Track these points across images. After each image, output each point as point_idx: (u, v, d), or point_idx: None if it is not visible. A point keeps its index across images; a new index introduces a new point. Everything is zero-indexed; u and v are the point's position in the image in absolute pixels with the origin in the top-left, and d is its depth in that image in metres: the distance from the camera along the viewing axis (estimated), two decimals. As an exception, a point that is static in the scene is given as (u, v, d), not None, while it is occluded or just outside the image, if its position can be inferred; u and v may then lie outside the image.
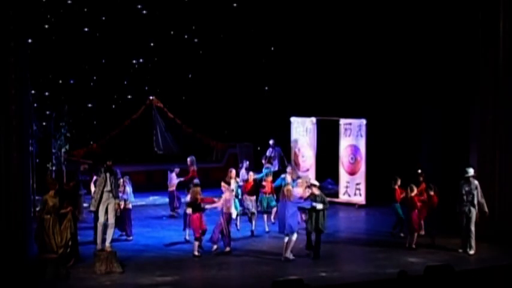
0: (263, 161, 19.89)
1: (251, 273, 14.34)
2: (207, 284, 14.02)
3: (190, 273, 14.57)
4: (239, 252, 15.80)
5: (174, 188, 19.60)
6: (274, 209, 17.53)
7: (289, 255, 15.13)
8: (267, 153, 21.34)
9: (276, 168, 20.86)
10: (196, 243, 15.49)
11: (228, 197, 15.87)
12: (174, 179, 19.56)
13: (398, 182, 17.02)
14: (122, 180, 16.67)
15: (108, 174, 14.80)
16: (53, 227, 14.27)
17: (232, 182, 17.07)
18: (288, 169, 18.49)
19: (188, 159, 19.88)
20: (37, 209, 15.63)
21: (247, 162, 19.83)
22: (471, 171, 15.66)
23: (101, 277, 13.93)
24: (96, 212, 15.02)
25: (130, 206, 17.10)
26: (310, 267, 14.74)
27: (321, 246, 15.45)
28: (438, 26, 18.75)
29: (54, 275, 13.71)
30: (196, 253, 15.42)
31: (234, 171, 17.44)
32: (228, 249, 15.65)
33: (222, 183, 16.38)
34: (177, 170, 19.70)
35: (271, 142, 21.64)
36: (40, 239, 14.32)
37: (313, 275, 13.86)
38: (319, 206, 15.19)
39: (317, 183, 15.91)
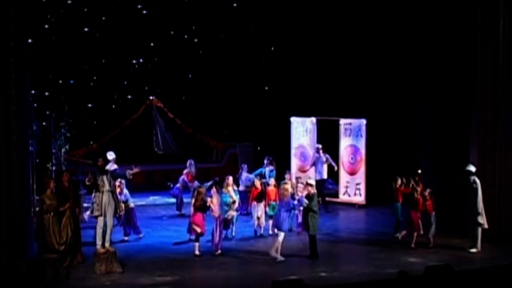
0: (265, 161, 19.75)
1: (251, 273, 14.34)
2: (207, 284, 14.02)
3: (190, 273, 14.56)
4: (239, 253, 15.81)
5: (179, 185, 19.65)
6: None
7: (274, 254, 15.04)
8: (313, 159, 20.72)
9: (325, 177, 20.52)
10: (197, 243, 15.48)
11: (215, 202, 15.79)
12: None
13: (399, 182, 16.99)
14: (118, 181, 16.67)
15: (103, 175, 14.70)
16: (53, 225, 14.29)
17: (230, 189, 16.91)
18: (287, 176, 18.33)
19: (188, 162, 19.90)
20: (37, 209, 15.63)
21: (246, 166, 19.76)
22: (473, 169, 15.73)
23: (101, 277, 13.94)
24: (100, 216, 14.68)
25: (132, 205, 17.14)
26: (310, 267, 14.74)
27: (322, 246, 15.47)
28: (438, 25, 18.71)
29: (54, 275, 13.71)
30: (197, 252, 15.42)
31: (231, 178, 17.21)
32: (219, 252, 15.65)
33: (213, 188, 16.22)
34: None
35: (318, 146, 20.79)
36: (41, 239, 14.34)
37: (313, 275, 13.86)
38: (305, 202, 15.25)
39: (313, 183, 15.90)
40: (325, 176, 20.79)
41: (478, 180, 15.70)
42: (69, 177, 15.36)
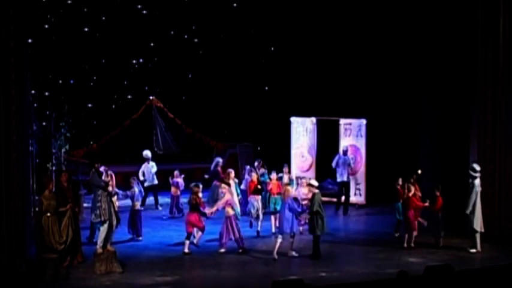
0: (255, 164, 19.69)
1: (251, 273, 14.34)
2: (207, 284, 14.02)
3: (190, 273, 14.57)
4: (239, 252, 15.79)
5: (176, 190, 19.62)
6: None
7: (275, 255, 15.18)
8: (335, 161, 20.38)
9: (345, 179, 20.25)
10: (187, 241, 15.51)
11: (229, 199, 15.87)
12: (176, 181, 19.63)
13: (400, 182, 16.97)
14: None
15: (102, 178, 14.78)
16: (52, 225, 14.28)
17: (231, 182, 17.01)
18: (285, 169, 18.35)
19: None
20: (36, 209, 15.64)
21: (249, 167, 19.79)
22: (476, 169, 15.73)
23: (101, 277, 13.94)
24: (107, 220, 14.67)
25: (139, 206, 17.15)
26: (310, 267, 14.74)
27: (322, 246, 15.47)
28: (438, 25, 18.74)
29: (54, 275, 13.71)
30: (186, 250, 15.46)
31: (233, 172, 17.32)
32: (241, 250, 15.68)
33: (222, 185, 16.32)
34: (176, 172, 19.74)
35: (342, 149, 20.54)
36: (40, 239, 14.33)
37: (313, 275, 13.86)
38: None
39: (316, 183, 15.89)
40: (346, 178, 20.46)
41: (477, 183, 15.64)
42: (68, 177, 15.39)
